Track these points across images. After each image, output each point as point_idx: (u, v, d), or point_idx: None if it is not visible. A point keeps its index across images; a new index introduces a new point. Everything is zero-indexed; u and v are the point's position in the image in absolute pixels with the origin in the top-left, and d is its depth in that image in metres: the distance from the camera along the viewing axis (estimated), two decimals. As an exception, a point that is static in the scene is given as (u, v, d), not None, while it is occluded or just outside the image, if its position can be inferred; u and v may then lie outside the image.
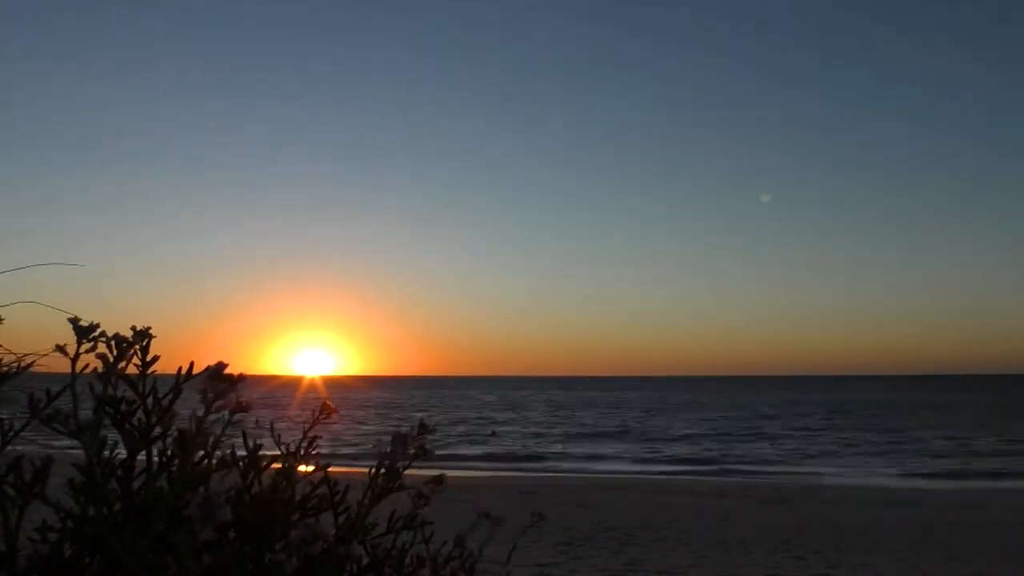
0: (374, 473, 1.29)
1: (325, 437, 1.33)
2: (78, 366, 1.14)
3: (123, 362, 1.16)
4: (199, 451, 1.13)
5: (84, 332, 1.14)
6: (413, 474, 1.36)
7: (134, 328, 1.20)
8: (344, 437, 32.31)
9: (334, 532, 1.26)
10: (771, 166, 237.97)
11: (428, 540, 1.35)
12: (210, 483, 1.12)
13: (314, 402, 1.37)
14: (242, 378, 1.14)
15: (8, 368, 1.22)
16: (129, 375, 1.16)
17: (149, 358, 1.19)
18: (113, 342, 1.16)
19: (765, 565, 9.68)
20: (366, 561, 1.28)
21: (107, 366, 1.15)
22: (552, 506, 14.40)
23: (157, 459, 1.14)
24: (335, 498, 1.26)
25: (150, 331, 1.20)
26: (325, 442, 1.34)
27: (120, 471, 1.13)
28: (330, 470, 1.31)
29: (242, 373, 1.14)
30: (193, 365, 1.16)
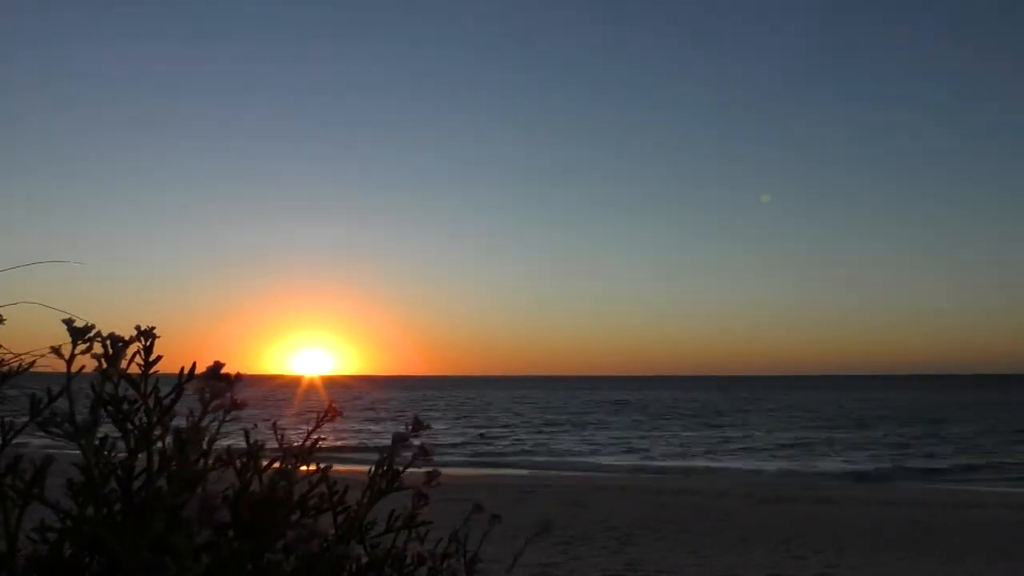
0: (373, 472, 1.29)
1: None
2: (75, 366, 1.14)
3: (123, 361, 1.16)
4: (197, 451, 1.12)
5: (79, 333, 1.14)
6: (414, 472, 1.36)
7: (138, 327, 1.19)
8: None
9: (333, 532, 1.26)
10: (771, 166, 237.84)
11: (423, 539, 1.35)
12: (207, 483, 1.12)
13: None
14: (239, 377, 1.13)
15: (8, 368, 1.22)
16: (131, 375, 1.16)
17: (151, 358, 1.18)
18: (109, 342, 1.15)
19: (765, 565, 9.68)
20: (365, 560, 1.28)
21: (106, 365, 1.14)
22: (552, 506, 14.41)
23: (157, 459, 1.14)
24: (334, 498, 1.26)
25: (154, 331, 1.19)
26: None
27: (119, 471, 1.13)
28: (332, 469, 1.31)
29: (239, 372, 1.13)
30: (195, 365, 1.15)
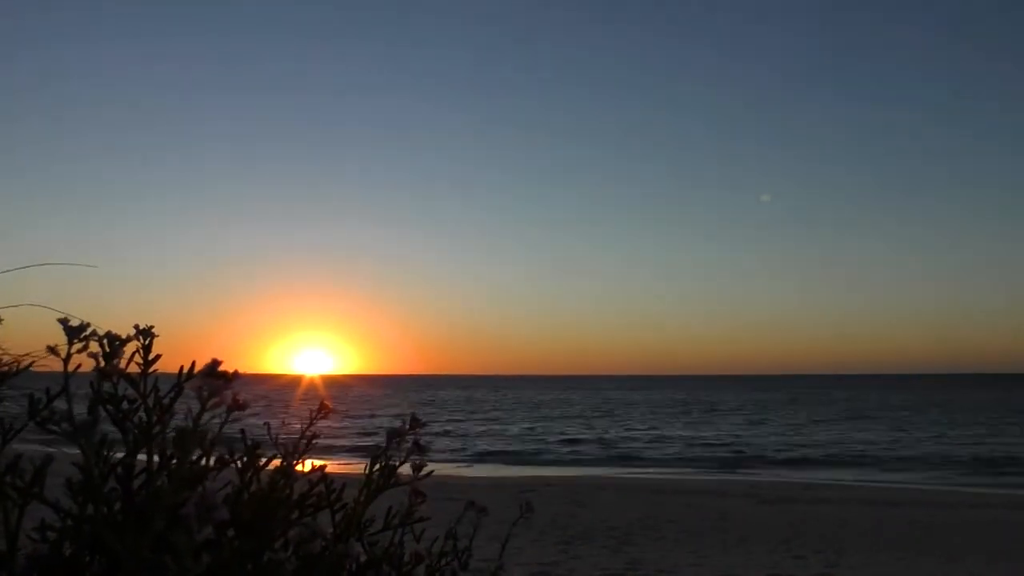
0: (370, 470, 1.29)
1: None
2: (74, 366, 1.14)
3: (121, 360, 1.16)
4: (196, 449, 1.12)
5: (74, 332, 1.14)
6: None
7: (137, 327, 1.19)
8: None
9: (332, 530, 1.26)
10: (771, 166, 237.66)
11: (419, 537, 1.35)
12: (206, 482, 1.12)
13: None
14: (237, 376, 1.12)
15: (8, 368, 1.22)
16: (130, 374, 1.16)
17: (151, 356, 1.19)
18: (106, 341, 1.15)
19: (765, 565, 9.68)
20: (364, 559, 1.28)
21: (105, 364, 1.15)
22: (552, 505, 14.40)
23: (157, 458, 1.14)
24: (332, 496, 1.26)
25: (152, 330, 1.20)
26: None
27: (119, 470, 1.13)
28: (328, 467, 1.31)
29: (237, 370, 1.12)
30: (195, 364, 1.15)
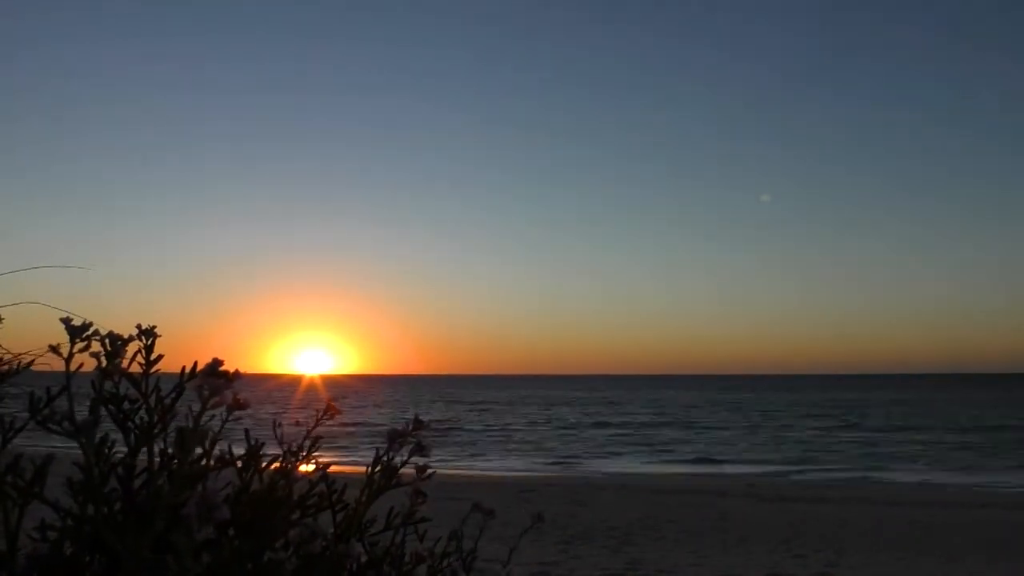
0: (371, 470, 1.29)
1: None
2: (73, 365, 1.14)
3: (124, 360, 1.16)
4: (197, 449, 1.12)
5: (76, 332, 1.14)
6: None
7: (139, 327, 1.19)
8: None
9: (333, 530, 1.26)
10: (771, 166, 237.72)
11: (423, 537, 1.35)
12: (207, 481, 1.12)
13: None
14: (238, 375, 1.11)
15: (8, 367, 1.22)
16: (132, 374, 1.16)
17: (153, 357, 1.18)
18: (107, 340, 1.15)
19: (765, 565, 9.68)
20: (365, 559, 1.28)
21: (106, 364, 1.15)
22: (552, 505, 14.41)
23: (158, 458, 1.14)
24: (333, 496, 1.26)
25: (155, 329, 1.19)
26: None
27: (120, 470, 1.13)
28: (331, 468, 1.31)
29: (237, 370, 1.11)
30: (196, 364, 1.15)
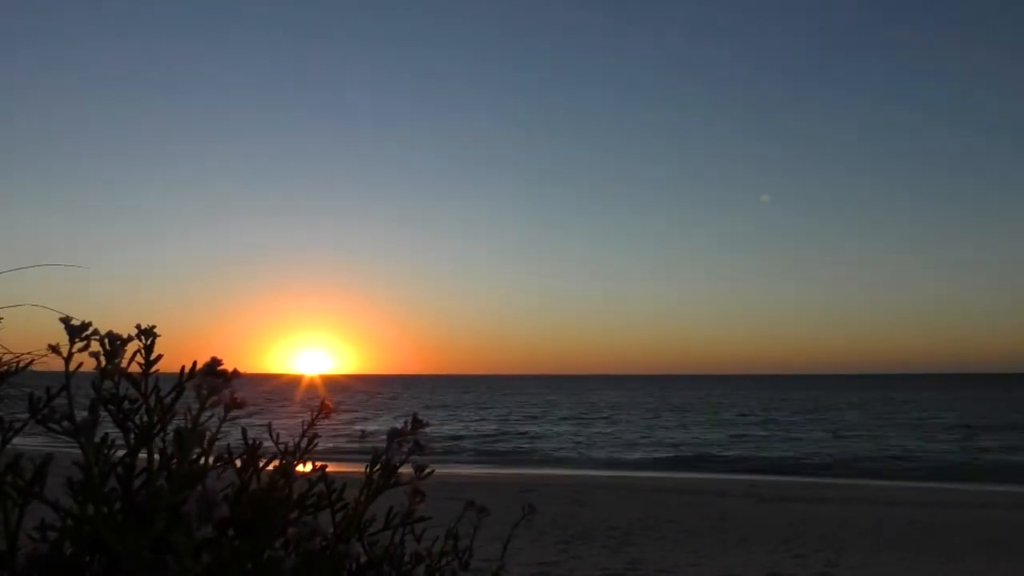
0: (370, 469, 1.29)
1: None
2: (73, 365, 1.14)
3: (123, 360, 1.16)
4: (196, 448, 1.12)
5: (76, 331, 1.14)
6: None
7: (138, 327, 1.19)
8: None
9: (332, 529, 1.26)
10: (771, 166, 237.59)
11: (420, 537, 1.35)
12: (206, 480, 1.12)
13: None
14: (236, 374, 1.11)
15: (8, 367, 1.22)
16: (131, 374, 1.16)
17: (152, 356, 1.18)
18: (107, 340, 1.15)
19: (765, 565, 9.68)
20: (364, 558, 1.28)
21: (106, 364, 1.15)
22: (552, 505, 14.41)
23: (158, 457, 1.14)
24: (332, 495, 1.26)
25: (154, 329, 1.19)
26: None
27: (120, 469, 1.13)
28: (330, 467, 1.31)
29: (236, 369, 1.11)
30: (196, 364, 1.15)
